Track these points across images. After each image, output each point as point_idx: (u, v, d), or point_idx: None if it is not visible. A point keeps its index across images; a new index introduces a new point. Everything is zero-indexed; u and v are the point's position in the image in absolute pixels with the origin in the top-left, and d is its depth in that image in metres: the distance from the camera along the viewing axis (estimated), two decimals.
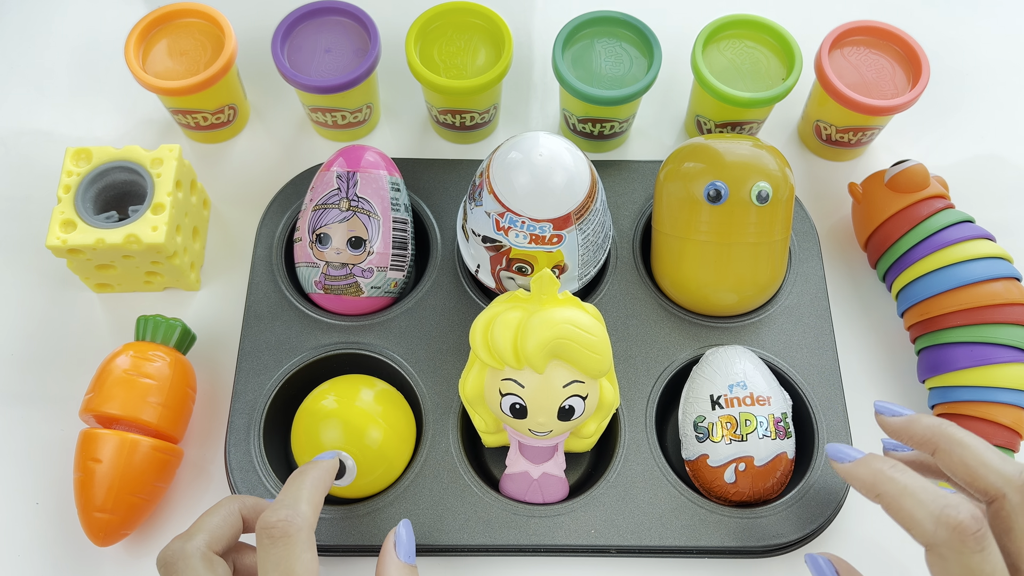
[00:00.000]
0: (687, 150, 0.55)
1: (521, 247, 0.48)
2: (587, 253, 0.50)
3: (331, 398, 0.50)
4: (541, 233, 0.48)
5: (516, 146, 0.48)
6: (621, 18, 0.60)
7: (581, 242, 0.49)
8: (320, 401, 0.51)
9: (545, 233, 0.48)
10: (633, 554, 0.51)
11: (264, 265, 0.57)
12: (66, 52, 0.69)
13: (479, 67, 0.60)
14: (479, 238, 0.50)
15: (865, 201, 0.58)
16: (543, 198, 0.47)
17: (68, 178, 0.55)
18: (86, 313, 0.59)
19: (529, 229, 0.47)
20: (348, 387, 0.52)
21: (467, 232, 0.51)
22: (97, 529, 0.49)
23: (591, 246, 0.50)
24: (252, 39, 0.67)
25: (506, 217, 0.47)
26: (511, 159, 0.48)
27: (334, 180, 0.54)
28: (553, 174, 0.47)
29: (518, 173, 0.47)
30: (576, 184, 0.47)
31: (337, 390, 0.51)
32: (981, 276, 0.53)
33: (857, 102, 0.58)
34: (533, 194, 0.47)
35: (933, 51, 0.64)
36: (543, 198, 0.47)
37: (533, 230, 0.47)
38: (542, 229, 0.47)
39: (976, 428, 0.52)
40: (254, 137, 0.66)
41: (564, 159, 0.47)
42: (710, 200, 0.53)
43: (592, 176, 0.49)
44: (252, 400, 0.53)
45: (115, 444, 0.49)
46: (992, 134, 0.67)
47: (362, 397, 0.51)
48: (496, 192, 0.47)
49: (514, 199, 0.47)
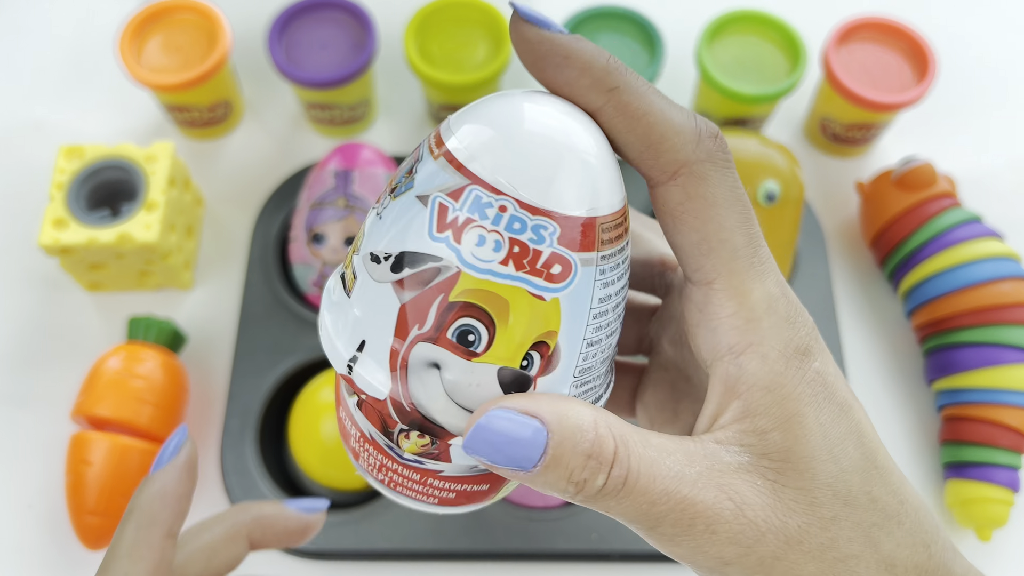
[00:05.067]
0: None
1: (486, 271, 0.22)
2: (598, 344, 0.24)
3: (328, 390, 0.50)
4: (533, 241, 0.22)
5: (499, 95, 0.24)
6: (624, 12, 0.60)
7: (596, 310, 0.23)
8: (318, 394, 0.50)
9: (541, 244, 0.22)
10: (635, 559, 0.50)
11: (259, 264, 0.57)
12: (58, 48, 0.68)
13: (479, 62, 0.59)
14: (377, 263, 0.23)
15: (872, 199, 0.57)
16: (549, 162, 0.22)
17: (60, 176, 0.54)
18: (78, 314, 0.58)
19: (510, 227, 0.22)
20: None
21: (348, 273, 0.24)
22: (89, 532, 0.49)
23: (605, 334, 0.24)
24: (247, 34, 0.66)
25: (466, 196, 0.22)
26: (492, 101, 0.24)
27: (331, 178, 0.54)
28: (570, 136, 0.23)
29: (502, 111, 0.23)
30: (608, 174, 0.23)
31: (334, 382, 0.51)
32: (989, 276, 0.52)
33: (864, 98, 0.57)
34: (529, 145, 0.22)
35: (941, 47, 0.63)
36: (549, 162, 0.22)
37: (518, 229, 0.22)
38: (538, 231, 0.22)
39: (984, 430, 0.51)
40: (249, 134, 0.65)
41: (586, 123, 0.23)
42: None
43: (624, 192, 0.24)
44: (247, 402, 0.52)
45: (106, 447, 0.49)
46: (1000, 131, 0.67)
47: None
48: (457, 149, 0.23)
49: (490, 151, 0.22)
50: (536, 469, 0.21)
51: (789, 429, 0.22)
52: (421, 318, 0.22)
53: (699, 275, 0.23)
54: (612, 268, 0.23)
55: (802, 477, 0.22)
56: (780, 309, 0.23)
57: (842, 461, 0.23)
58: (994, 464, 0.51)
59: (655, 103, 0.23)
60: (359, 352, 0.23)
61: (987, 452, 0.51)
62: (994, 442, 0.51)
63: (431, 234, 0.22)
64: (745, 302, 0.23)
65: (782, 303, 0.23)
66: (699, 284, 0.23)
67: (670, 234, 0.24)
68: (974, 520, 0.51)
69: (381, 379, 0.23)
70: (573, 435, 0.21)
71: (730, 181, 0.23)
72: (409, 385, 0.23)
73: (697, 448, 0.22)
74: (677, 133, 0.23)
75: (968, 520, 0.51)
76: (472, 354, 0.22)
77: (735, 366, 0.23)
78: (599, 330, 0.23)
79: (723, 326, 0.23)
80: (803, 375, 0.23)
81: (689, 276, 0.24)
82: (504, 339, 0.22)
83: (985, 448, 0.51)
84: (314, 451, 0.50)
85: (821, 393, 0.23)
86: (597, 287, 0.23)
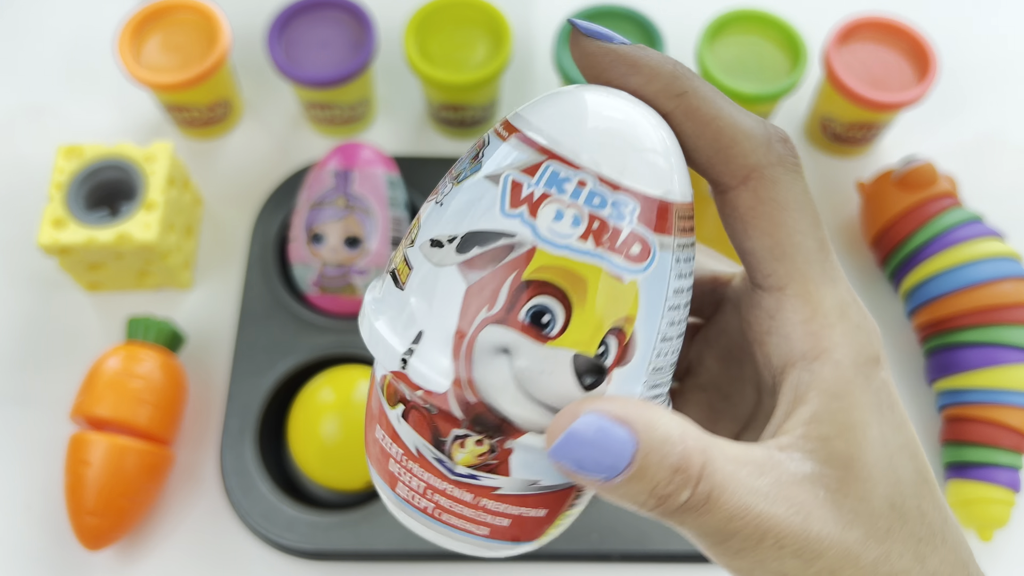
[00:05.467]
0: None
1: (563, 246, 0.21)
2: (670, 342, 0.23)
3: (328, 390, 0.50)
4: (613, 218, 0.21)
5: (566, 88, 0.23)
6: (624, 12, 0.60)
7: (671, 301, 0.23)
8: (317, 394, 0.50)
9: (621, 221, 0.21)
10: (636, 560, 0.50)
11: (259, 264, 0.56)
12: (58, 47, 0.68)
13: (479, 62, 0.59)
14: (439, 247, 0.22)
15: (872, 199, 0.57)
16: (627, 140, 0.22)
17: (59, 176, 0.54)
18: (77, 314, 0.58)
19: (590, 202, 0.21)
20: (345, 379, 0.51)
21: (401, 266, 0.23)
22: (87, 533, 0.49)
23: (676, 332, 0.23)
24: (246, 33, 0.66)
25: (543, 171, 0.21)
26: (561, 92, 0.23)
27: (330, 177, 0.54)
28: (643, 119, 0.22)
29: (577, 99, 0.22)
30: (679, 162, 0.23)
31: (333, 382, 0.51)
32: (991, 276, 0.52)
33: (864, 97, 0.57)
34: (609, 128, 0.22)
35: (942, 46, 0.63)
36: (627, 140, 0.22)
37: (598, 204, 0.21)
38: (618, 208, 0.21)
39: (985, 431, 0.51)
40: (248, 133, 0.65)
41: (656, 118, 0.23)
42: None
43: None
44: (246, 402, 0.52)
45: (105, 447, 0.48)
46: (1001, 131, 0.66)
47: (359, 389, 0.50)
48: (529, 130, 0.22)
49: (568, 131, 0.22)
50: (618, 479, 0.20)
51: (852, 438, 0.22)
52: (491, 299, 0.21)
53: (771, 280, 0.23)
54: (686, 260, 0.23)
55: (863, 487, 0.22)
56: (852, 316, 0.23)
57: (899, 472, 0.22)
58: (995, 464, 0.51)
59: (724, 108, 0.23)
60: (415, 344, 0.21)
61: (988, 452, 0.51)
62: (995, 442, 0.51)
63: (503, 211, 0.21)
64: (819, 308, 0.23)
65: (854, 309, 0.23)
66: (771, 290, 0.23)
67: (740, 239, 0.23)
68: (975, 521, 0.51)
69: (443, 367, 0.21)
70: (662, 446, 0.20)
71: (801, 185, 0.23)
72: (474, 372, 0.21)
73: (764, 457, 0.22)
74: (748, 137, 0.22)
75: (969, 521, 0.51)
76: (546, 337, 0.21)
77: (808, 372, 0.23)
78: (672, 325, 0.23)
79: (796, 332, 0.23)
80: (871, 383, 0.23)
81: (760, 282, 0.24)
82: (580, 322, 0.21)
83: (986, 448, 0.51)
84: (314, 451, 0.50)
85: (885, 402, 0.23)
86: (673, 276, 0.22)
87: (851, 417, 0.22)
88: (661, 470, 0.20)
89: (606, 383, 0.21)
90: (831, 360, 0.23)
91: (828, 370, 0.22)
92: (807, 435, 0.22)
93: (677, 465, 0.20)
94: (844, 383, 0.22)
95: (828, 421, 0.22)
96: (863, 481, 0.22)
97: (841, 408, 0.22)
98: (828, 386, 0.22)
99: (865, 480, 0.22)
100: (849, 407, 0.22)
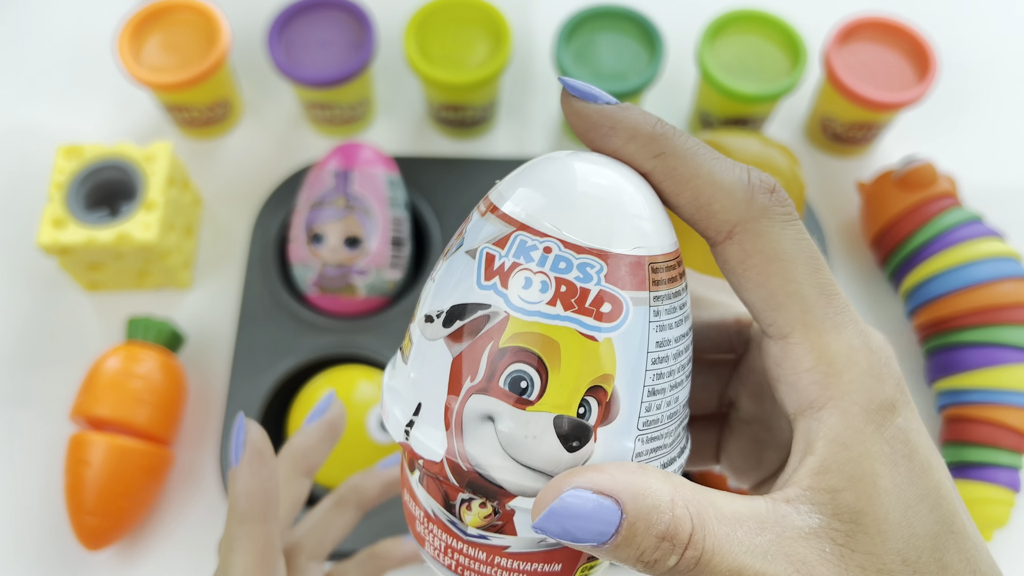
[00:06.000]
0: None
1: (534, 312, 0.22)
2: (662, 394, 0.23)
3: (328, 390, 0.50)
4: (579, 280, 0.22)
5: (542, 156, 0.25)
6: (624, 12, 0.60)
7: (655, 354, 0.23)
8: (317, 394, 0.50)
9: (588, 282, 0.22)
10: None
11: (258, 265, 0.56)
12: (58, 47, 0.68)
13: (479, 62, 0.59)
14: (430, 322, 0.23)
15: (873, 199, 0.57)
16: (591, 202, 0.22)
17: (59, 176, 0.54)
18: (76, 314, 0.58)
19: (556, 267, 0.22)
20: (345, 379, 0.51)
21: (406, 341, 0.25)
22: (87, 533, 0.49)
23: (669, 384, 0.23)
24: (246, 34, 0.66)
25: (512, 242, 0.22)
26: (535, 161, 0.24)
27: (330, 177, 0.54)
28: (614, 179, 0.23)
29: (548, 168, 0.23)
30: (654, 214, 0.23)
31: (333, 382, 0.51)
32: (991, 276, 0.52)
33: (865, 98, 0.57)
34: (574, 193, 0.23)
35: (942, 46, 0.63)
36: (591, 202, 0.22)
37: (564, 268, 0.22)
38: (584, 269, 0.22)
39: (985, 431, 0.51)
40: (248, 133, 0.65)
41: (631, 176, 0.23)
42: None
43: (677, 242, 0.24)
44: (246, 402, 0.52)
45: (105, 447, 0.48)
46: (1000, 131, 0.66)
47: (359, 389, 0.50)
48: (501, 204, 0.23)
49: (536, 201, 0.23)
50: (606, 546, 0.21)
51: (862, 489, 0.21)
52: (473, 369, 0.22)
53: (774, 329, 0.23)
54: (668, 312, 0.23)
55: (872, 541, 0.21)
56: (862, 361, 0.22)
57: (915, 525, 0.22)
58: (995, 465, 0.51)
59: (703, 165, 0.23)
60: (415, 416, 0.23)
61: (988, 453, 0.51)
62: (995, 443, 0.51)
63: (479, 283, 0.22)
64: (823, 356, 0.22)
65: (863, 355, 0.22)
66: (775, 338, 0.23)
67: (738, 291, 0.24)
68: (975, 521, 0.51)
69: (438, 438, 0.22)
70: (648, 515, 0.20)
71: (791, 233, 0.23)
72: (464, 442, 0.22)
73: (769, 511, 0.21)
74: (727, 194, 0.22)
75: None
76: (526, 402, 0.21)
77: (815, 420, 0.22)
78: (660, 378, 0.23)
79: (802, 381, 0.23)
80: (883, 432, 0.22)
81: (765, 330, 0.23)
82: (558, 384, 0.21)
83: (986, 448, 0.51)
84: None
85: (900, 451, 0.22)
86: (653, 329, 0.22)
87: (860, 468, 0.22)
88: (648, 538, 0.20)
89: (592, 442, 0.22)
90: (838, 409, 0.22)
91: (835, 419, 0.22)
92: (814, 487, 0.22)
93: (664, 533, 0.20)
94: (853, 432, 0.22)
95: (836, 472, 0.22)
96: (872, 535, 0.21)
97: (850, 459, 0.22)
98: (836, 435, 0.22)
99: (875, 534, 0.21)
100: (858, 457, 0.22)
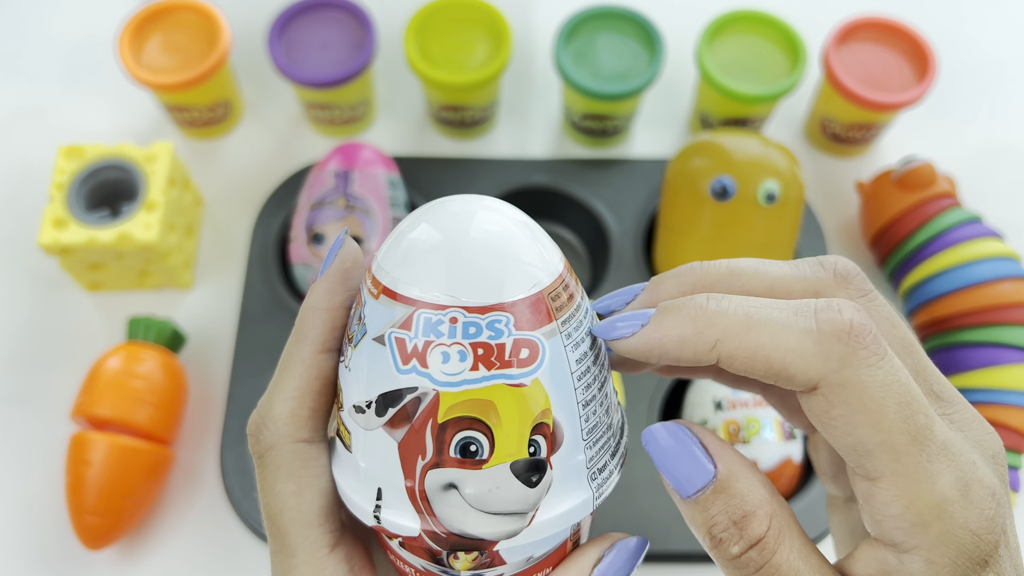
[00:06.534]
0: (696, 146, 0.55)
1: (460, 383, 0.22)
2: (594, 401, 0.24)
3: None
4: (492, 338, 0.22)
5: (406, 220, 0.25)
6: (624, 13, 0.60)
7: (577, 371, 0.23)
8: None
9: (501, 337, 0.22)
10: None
11: (259, 265, 0.56)
12: (58, 48, 0.68)
13: (479, 62, 0.59)
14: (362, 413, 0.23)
15: (872, 199, 0.57)
16: (478, 262, 0.23)
17: (60, 176, 0.54)
18: (77, 314, 0.58)
19: (467, 334, 0.22)
20: None
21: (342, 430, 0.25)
22: (88, 533, 0.49)
23: (597, 387, 0.24)
24: (247, 34, 0.66)
25: (416, 322, 0.22)
26: (402, 231, 0.24)
27: (330, 177, 0.54)
28: (493, 229, 0.23)
29: (426, 234, 0.23)
30: (535, 245, 0.24)
31: None
32: (989, 276, 0.52)
33: (864, 98, 0.57)
34: (460, 258, 0.23)
35: (941, 46, 0.63)
36: (478, 262, 0.23)
37: (474, 333, 0.22)
38: (493, 326, 0.22)
39: None
40: (249, 134, 0.65)
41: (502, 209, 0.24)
42: (716, 196, 0.52)
43: (561, 253, 0.25)
44: (247, 402, 0.52)
45: (106, 447, 0.48)
46: (999, 131, 0.66)
47: None
48: (393, 284, 0.23)
49: (425, 275, 0.23)
50: (686, 500, 0.22)
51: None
52: (421, 449, 0.22)
53: (862, 471, 0.22)
54: (576, 327, 0.24)
55: None
56: (956, 515, 0.21)
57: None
58: None
59: (763, 332, 0.22)
60: (379, 501, 0.23)
61: None
62: None
63: (398, 369, 0.22)
64: (911, 506, 0.21)
65: (958, 507, 0.21)
66: (863, 478, 0.22)
67: (825, 436, 0.22)
68: None
69: (409, 517, 0.23)
70: (732, 496, 0.22)
71: (879, 377, 0.21)
72: (436, 514, 0.23)
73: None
74: (798, 355, 0.21)
75: None
76: (481, 463, 0.22)
77: (897, 559, 0.22)
78: (588, 388, 0.24)
79: (888, 523, 0.21)
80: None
81: (853, 470, 0.22)
82: (504, 437, 0.22)
83: None
84: None
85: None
86: (569, 352, 0.23)
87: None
88: (723, 515, 0.22)
89: (550, 470, 0.23)
90: (923, 558, 0.21)
91: (918, 566, 0.21)
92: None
93: (739, 520, 0.22)
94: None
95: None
96: None
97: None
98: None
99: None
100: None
